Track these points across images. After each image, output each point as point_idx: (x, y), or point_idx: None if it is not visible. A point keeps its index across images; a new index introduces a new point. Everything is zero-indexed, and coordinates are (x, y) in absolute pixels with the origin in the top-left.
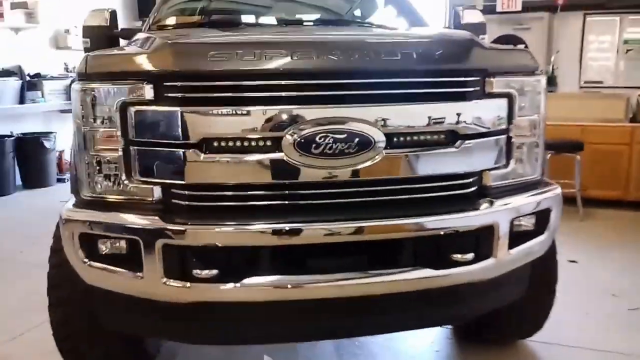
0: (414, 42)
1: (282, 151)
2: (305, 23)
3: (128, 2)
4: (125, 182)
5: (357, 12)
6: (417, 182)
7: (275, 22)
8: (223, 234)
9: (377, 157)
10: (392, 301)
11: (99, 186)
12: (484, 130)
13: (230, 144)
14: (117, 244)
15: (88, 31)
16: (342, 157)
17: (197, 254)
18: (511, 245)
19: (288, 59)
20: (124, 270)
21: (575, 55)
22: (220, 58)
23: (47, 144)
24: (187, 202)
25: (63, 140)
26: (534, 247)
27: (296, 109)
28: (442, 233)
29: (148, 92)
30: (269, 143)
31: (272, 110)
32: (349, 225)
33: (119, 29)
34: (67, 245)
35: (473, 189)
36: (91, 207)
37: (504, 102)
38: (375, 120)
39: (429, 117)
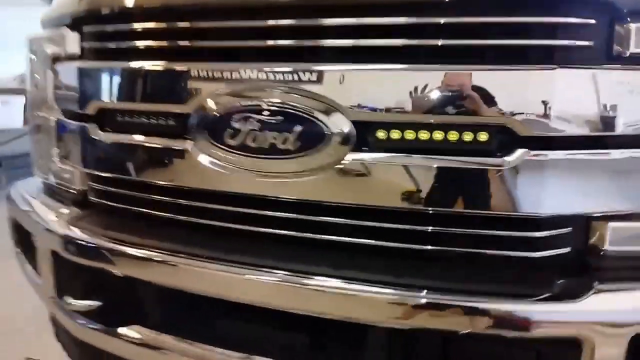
0: None
1: (187, 137)
2: None
3: None
4: (55, 162)
5: None
6: (411, 220)
7: None
8: (96, 252)
9: (335, 163)
10: None
11: (38, 164)
12: (587, 132)
13: (127, 118)
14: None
15: None
16: (275, 156)
17: (74, 273)
18: None
19: None
20: (33, 269)
21: None
22: None
23: None
24: (96, 199)
25: None
26: None
27: (206, 69)
28: (448, 330)
29: (71, 42)
30: (171, 122)
31: (174, 68)
32: (267, 277)
33: None
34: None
35: (553, 252)
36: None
37: None
38: (338, 95)
39: (446, 97)
